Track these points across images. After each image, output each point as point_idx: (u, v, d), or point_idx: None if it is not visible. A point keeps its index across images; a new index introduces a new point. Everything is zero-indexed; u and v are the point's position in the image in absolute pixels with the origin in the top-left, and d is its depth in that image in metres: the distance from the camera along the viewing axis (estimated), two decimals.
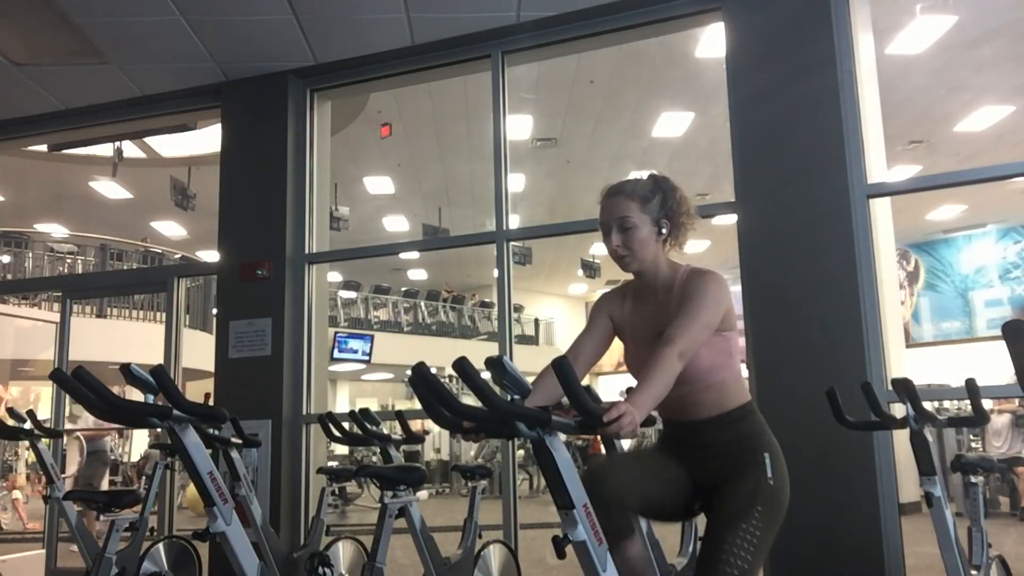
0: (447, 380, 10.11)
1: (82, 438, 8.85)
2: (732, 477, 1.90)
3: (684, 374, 1.81)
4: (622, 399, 1.75)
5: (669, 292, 1.98)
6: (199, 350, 8.46)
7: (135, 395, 2.42)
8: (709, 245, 13.68)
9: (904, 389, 2.45)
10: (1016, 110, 9.06)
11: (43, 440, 3.80)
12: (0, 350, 10.88)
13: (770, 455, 1.94)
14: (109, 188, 11.09)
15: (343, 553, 3.80)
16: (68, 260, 13.23)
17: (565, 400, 1.49)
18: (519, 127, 8.77)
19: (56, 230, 13.74)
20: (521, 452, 10.89)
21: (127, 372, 2.28)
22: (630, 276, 2.09)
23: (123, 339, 11.28)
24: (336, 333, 14.89)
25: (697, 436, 1.97)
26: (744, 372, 3.91)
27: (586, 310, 20.93)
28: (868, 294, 3.51)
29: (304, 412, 4.56)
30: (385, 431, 3.79)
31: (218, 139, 4.98)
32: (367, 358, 15.68)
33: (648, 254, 1.98)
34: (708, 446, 1.94)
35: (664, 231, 1.98)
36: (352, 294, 16.99)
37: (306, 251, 4.76)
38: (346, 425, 3.80)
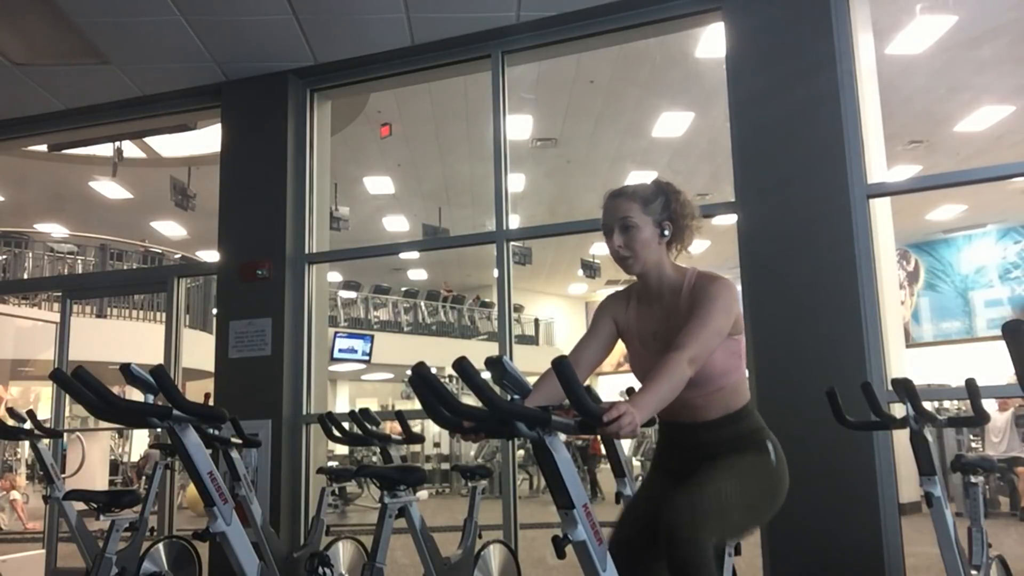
0: (447, 380, 10.11)
1: (82, 438, 8.86)
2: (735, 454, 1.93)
3: (697, 377, 1.81)
4: (623, 399, 1.75)
5: (677, 295, 1.98)
6: (199, 350, 8.46)
7: (135, 395, 2.42)
8: (709, 245, 13.69)
9: (904, 389, 2.45)
10: (1016, 110, 9.06)
11: (43, 440, 3.80)
12: (0, 350, 10.88)
13: (772, 445, 1.96)
14: (109, 188, 11.09)
15: (343, 553, 3.80)
16: (68, 260, 13.23)
17: (566, 401, 1.49)
18: (519, 127, 8.76)
19: (56, 230, 13.74)
20: (521, 452, 10.89)
21: (127, 372, 2.28)
22: (632, 277, 2.09)
23: (123, 339, 11.28)
24: (336, 333, 14.89)
25: (698, 437, 1.97)
26: (744, 372, 3.91)
27: (586, 310, 20.97)
28: (868, 294, 3.51)
29: (304, 412, 4.56)
30: (386, 431, 3.80)
31: (218, 139, 4.98)
32: (367, 358, 15.68)
33: (650, 255, 1.98)
34: (708, 445, 1.95)
35: (667, 233, 1.98)
36: (352, 294, 16.99)
37: (306, 251, 4.76)
38: (346, 425, 3.80)
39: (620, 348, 2.13)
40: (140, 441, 14.40)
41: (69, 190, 11.36)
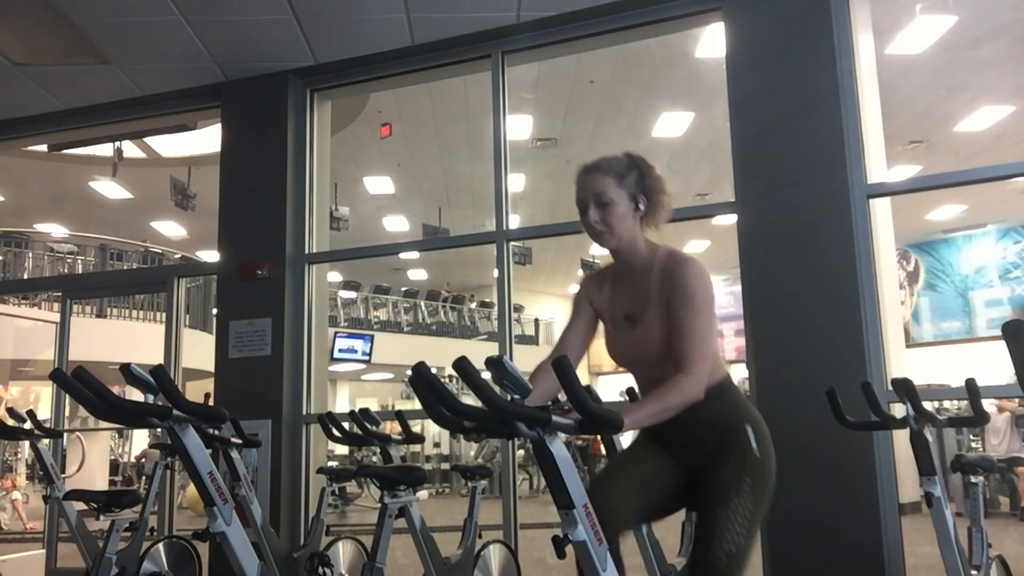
0: (447, 380, 10.11)
1: (82, 438, 8.87)
2: (717, 453, 1.91)
3: (658, 357, 1.87)
4: (624, 399, 1.77)
5: (647, 276, 1.97)
6: (199, 350, 8.47)
7: (135, 395, 2.42)
8: (709, 245, 13.70)
9: (904, 389, 2.44)
10: (1016, 110, 9.06)
11: (43, 440, 3.80)
12: (0, 350, 10.88)
13: (752, 427, 1.94)
14: (109, 188, 11.10)
15: (343, 553, 3.80)
16: (68, 260, 13.23)
17: (562, 395, 1.49)
18: (519, 127, 8.77)
19: (56, 230, 13.74)
20: (521, 452, 10.89)
21: (127, 372, 2.28)
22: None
23: (123, 339, 11.28)
24: (336, 333, 14.88)
25: (676, 416, 1.89)
26: (744, 372, 3.92)
27: None
28: (868, 294, 3.51)
29: (304, 412, 4.56)
30: (386, 431, 3.80)
31: (218, 139, 4.98)
32: (367, 358, 15.68)
33: (626, 231, 1.97)
34: (688, 425, 1.88)
35: (641, 207, 1.97)
36: (352, 294, 17.00)
37: (306, 251, 4.76)
38: (346, 425, 3.80)
39: None
40: (140, 441, 14.40)
41: (69, 190, 11.37)
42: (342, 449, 11.52)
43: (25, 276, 12.46)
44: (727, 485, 1.85)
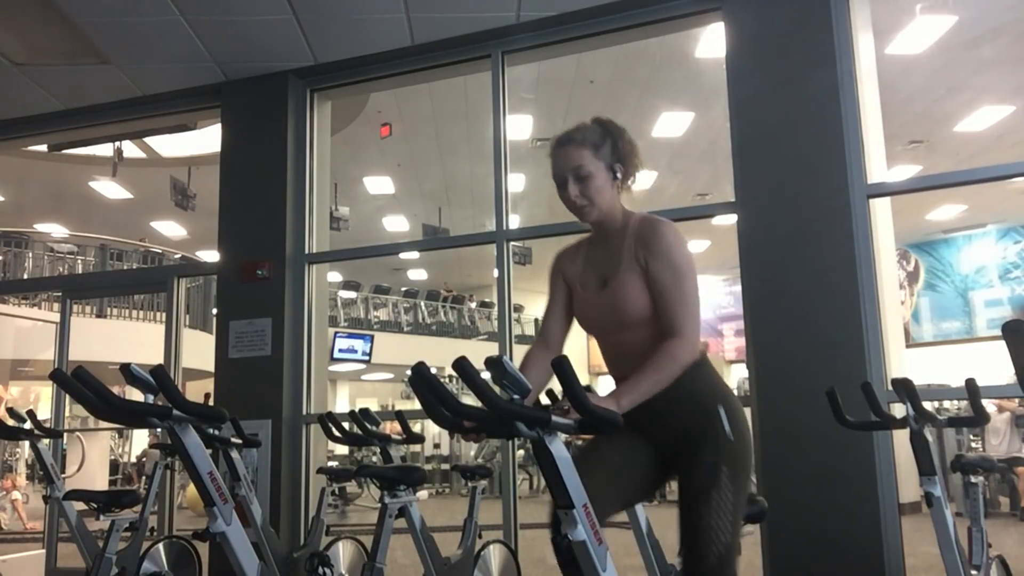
0: (447, 380, 10.11)
1: (82, 438, 8.87)
2: (692, 440, 1.85)
3: (629, 317, 1.85)
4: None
5: (621, 238, 1.95)
6: (199, 350, 8.47)
7: (135, 395, 2.42)
8: (709, 245, 13.70)
9: (904, 389, 2.45)
10: (1016, 110, 9.06)
11: (43, 440, 3.80)
12: (0, 350, 10.89)
13: (724, 407, 1.87)
14: (109, 188, 11.11)
15: (343, 553, 3.80)
16: (68, 260, 13.24)
17: (557, 387, 1.49)
18: (519, 127, 8.76)
19: (56, 230, 13.75)
20: (521, 452, 10.89)
21: (127, 372, 2.28)
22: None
23: (123, 339, 11.29)
24: (336, 333, 14.89)
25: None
26: (744, 372, 3.92)
27: None
28: (868, 294, 3.51)
29: (304, 412, 4.56)
30: (386, 431, 3.80)
31: (218, 139, 4.98)
32: (367, 358, 15.69)
33: (606, 201, 1.95)
34: (658, 401, 1.79)
35: (619, 175, 1.96)
36: (352, 294, 17.00)
37: (306, 251, 4.76)
38: (346, 425, 3.80)
39: None
40: (140, 441, 14.41)
41: (69, 190, 11.37)
42: (342, 449, 11.52)
43: (25, 276, 12.46)
44: (706, 481, 1.80)
